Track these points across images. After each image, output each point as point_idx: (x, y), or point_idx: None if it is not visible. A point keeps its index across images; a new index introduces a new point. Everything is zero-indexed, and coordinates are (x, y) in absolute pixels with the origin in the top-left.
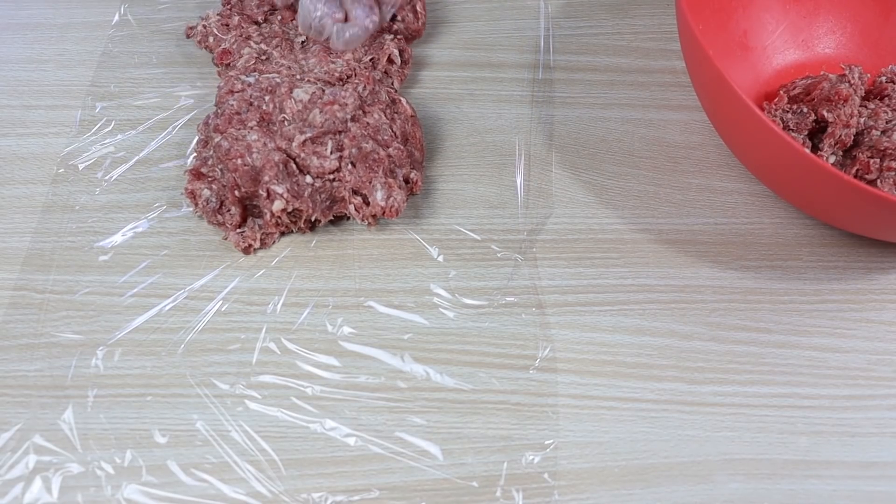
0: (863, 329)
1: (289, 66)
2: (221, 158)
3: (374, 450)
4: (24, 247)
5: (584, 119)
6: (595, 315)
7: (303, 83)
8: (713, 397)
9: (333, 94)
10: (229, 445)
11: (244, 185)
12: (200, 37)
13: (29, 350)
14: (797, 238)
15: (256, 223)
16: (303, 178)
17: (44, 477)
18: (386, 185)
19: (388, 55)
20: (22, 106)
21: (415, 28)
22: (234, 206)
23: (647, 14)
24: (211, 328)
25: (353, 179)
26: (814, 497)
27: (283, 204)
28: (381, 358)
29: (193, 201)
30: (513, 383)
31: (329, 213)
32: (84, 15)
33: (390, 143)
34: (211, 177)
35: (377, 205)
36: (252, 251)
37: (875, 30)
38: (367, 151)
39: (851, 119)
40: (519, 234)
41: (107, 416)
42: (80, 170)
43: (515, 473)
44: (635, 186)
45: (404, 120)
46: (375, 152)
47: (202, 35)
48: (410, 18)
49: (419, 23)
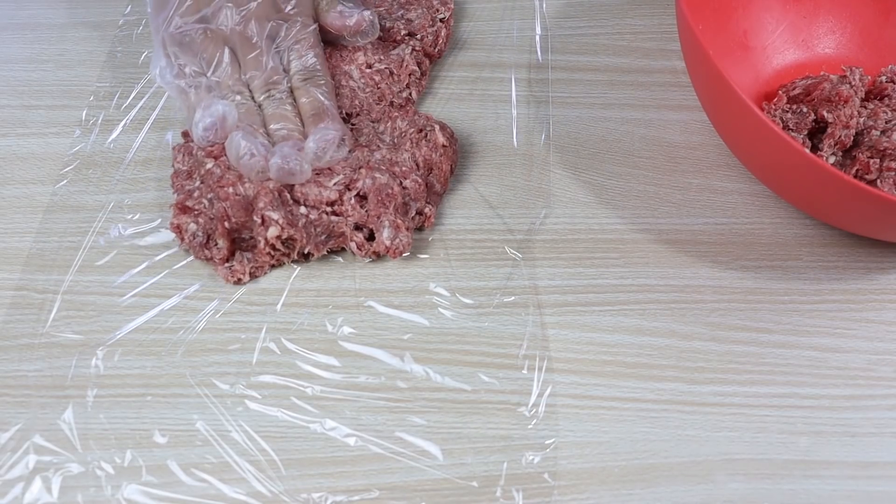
0: (863, 329)
1: None
2: (212, 186)
3: (374, 450)
4: (25, 247)
5: (584, 119)
6: (595, 315)
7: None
8: (713, 397)
9: (368, 139)
10: (229, 445)
11: (235, 215)
12: None
13: (29, 350)
14: (797, 238)
15: (245, 256)
16: (297, 208)
17: (44, 477)
18: (394, 224)
19: (409, 72)
20: (22, 106)
21: (431, 53)
22: (221, 238)
23: (647, 14)
24: (211, 328)
25: (356, 215)
26: (814, 497)
27: (278, 230)
28: (381, 358)
29: (179, 236)
30: (513, 383)
31: (324, 247)
32: (84, 15)
33: (408, 175)
34: (197, 210)
35: (382, 244)
36: (243, 284)
37: (875, 30)
38: (380, 184)
39: (851, 120)
40: (518, 233)
41: (107, 416)
42: (82, 170)
43: (515, 473)
44: (635, 186)
45: (432, 149)
46: (389, 186)
47: None
48: (429, 41)
49: (436, 49)
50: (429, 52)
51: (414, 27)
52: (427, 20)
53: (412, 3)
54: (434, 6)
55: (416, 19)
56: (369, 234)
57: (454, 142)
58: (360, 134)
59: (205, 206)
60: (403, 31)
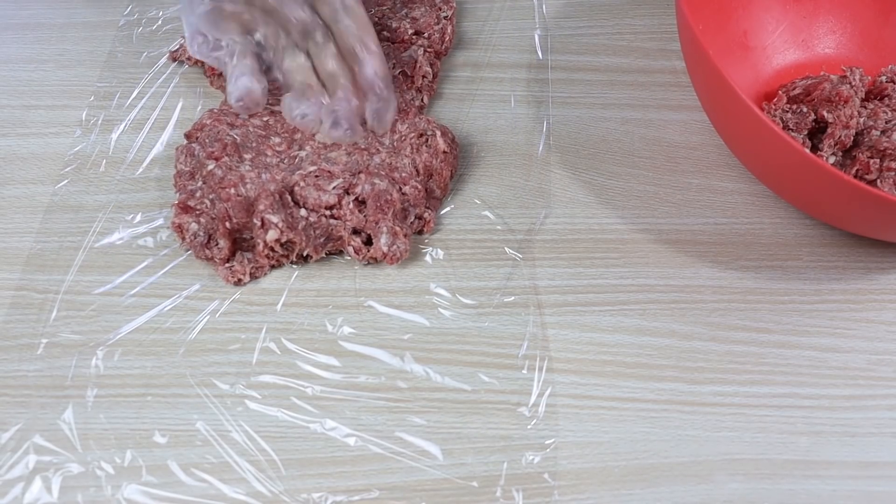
0: (863, 329)
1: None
2: (214, 187)
3: (374, 450)
4: (25, 247)
5: (584, 119)
6: (595, 315)
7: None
8: (713, 397)
9: (367, 143)
10: (229, 445)
11: (236, 215)
12: (186, 55)
13: (29, 350)
14: (797, 238)
15: (245, 257)
16: (297, 210)
17: (44, 477)
18: (392, 231)
19: (423, 73)
20: (22, 106)
21: (438, 50)
22: (222, 238)
23: (647, 14)
24: (211, 328)
25: (354, 219)
26: (814, 497)
27: (277, 234)
28: (381, 358)
29: (181, 235)
30: (513, 383)
31: (322, 249)
32: (84, 15)
33: (408, 181)
34: (199, 210)
35: (379, 249)
36: (243, 284)
37: (875, 30)
38: (379, 190)
39: (851, 120)
40: (518, 233)
41: (107, 416)
42: (82, 170)
43: (515, 473)
44: (635, 186)
45: (432, 155)
46: (388, 193)
47: (187, 53)
48: (436, 39)
49: (443, 46)
50: (436, 49)
51: (420, 25)
52: (432, 18)
53: (414, 1)
54: (437, 4)
55: (422, 17)
56: (367, 238)
57: (455, 147)
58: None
59: (206, 207)
60: (410, 31)
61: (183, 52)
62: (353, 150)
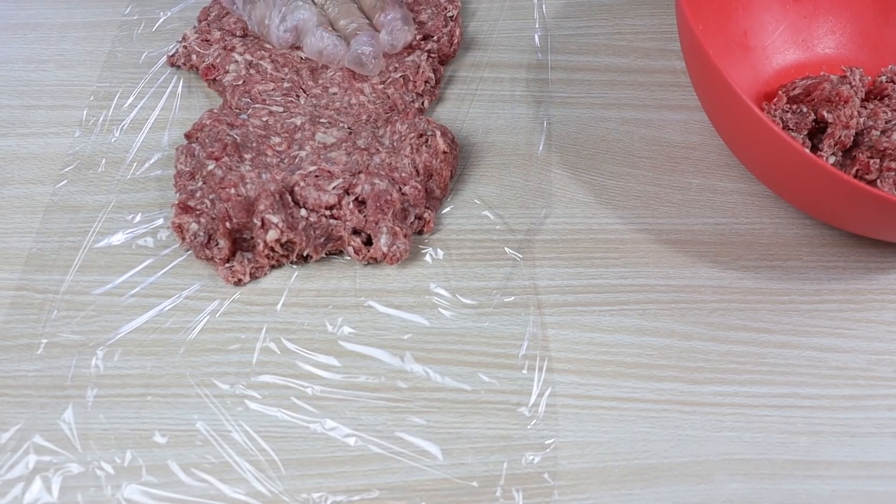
0: (863, 329)
1: (304, 95)
2: (214, 187)
3: (374, 450)
4: (25, 247)
5: (584, 119)
6: (595, 315)
7: (328, 127)
8: (713, 397)
9: (367, 142)
10: (229, 445)
11: (236, 215)
12: (183, 59)
13: (29, 350)
14: (797, 238)
15: (245, 257)
16: (297, 210)
17: (44, 477)
18: (392, 231)
19: (426, 79)
20: (22, 106)
21: (447, 52)
22: (222, 238)
23: (647, 14)
24: (211, 328)
25: (354, 220)
26: (814, 497)
27: (278, 234)
28: (381, 358)
29: (180, 235)
30: (513, 383)
31: (322, 249)
32: (84, 15)
33: (407, 181)
34: (199, 210)
35: (379, 250)
36: (243, 284)
37: (875, 30)
38: (378, 190)
39: (851, 120)
40: (518, 233)
41: (107, 416)
42: (82, 170)
43: (515, 473)
44: (635, 186)
45: (432, 155)
46: (388, 193)
47: (184, 56)
48: (445, 42)
49: (451, 49)
50: (445, 51)
51: (428, 29)
52: (440, 20)
53: (420, 4)
54: (442, 4)
55: (429, 21)
56: (367, 238)
57: (455, 147)
58: (358, 137)
59: (206, 207)
60: (419, 36)
61: (180, 56)
62: (353, 150)
